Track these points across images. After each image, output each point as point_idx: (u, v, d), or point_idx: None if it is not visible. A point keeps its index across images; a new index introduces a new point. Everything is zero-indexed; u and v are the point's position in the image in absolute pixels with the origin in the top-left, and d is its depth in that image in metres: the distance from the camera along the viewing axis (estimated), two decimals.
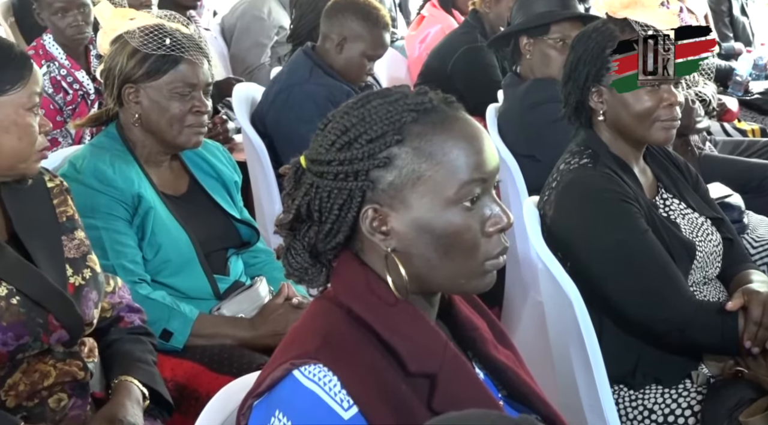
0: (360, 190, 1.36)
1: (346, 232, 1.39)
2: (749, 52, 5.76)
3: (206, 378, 2.33)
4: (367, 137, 1.36)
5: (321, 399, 1.30)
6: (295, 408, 1.30)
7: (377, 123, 1.37)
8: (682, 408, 2.27)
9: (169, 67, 2.49)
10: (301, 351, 1.34)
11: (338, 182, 1.37)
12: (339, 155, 1.37)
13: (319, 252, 1.43)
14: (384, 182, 1.36)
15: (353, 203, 1.37)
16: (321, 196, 1.38)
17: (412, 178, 1.36)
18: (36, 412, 1.93)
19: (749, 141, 4.29)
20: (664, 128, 2.35)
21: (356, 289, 1.40)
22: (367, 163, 1.36)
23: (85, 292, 2.00)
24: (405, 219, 1.37)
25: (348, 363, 1.32)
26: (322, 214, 1.39)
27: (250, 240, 2.69)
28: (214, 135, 3.73)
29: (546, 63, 3.50)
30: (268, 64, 5.33)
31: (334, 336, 1.36)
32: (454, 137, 1.38)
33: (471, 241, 1.38)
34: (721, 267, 2.43)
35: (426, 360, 1.36)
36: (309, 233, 1.41)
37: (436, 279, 1.40)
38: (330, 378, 1.31)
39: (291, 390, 1.32)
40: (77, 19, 3.77)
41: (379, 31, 3.57)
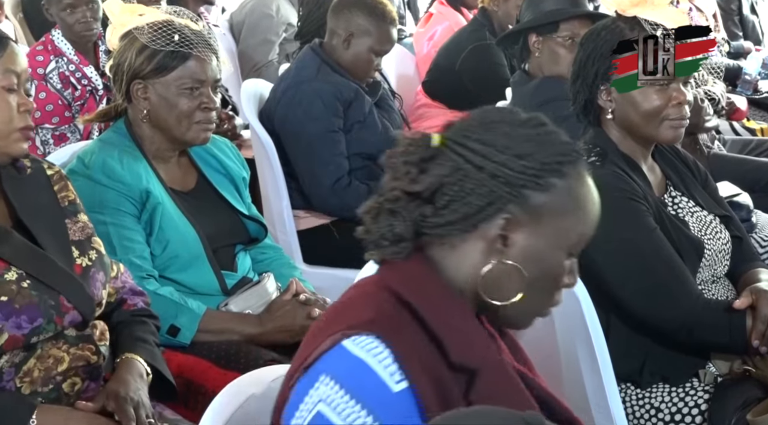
0: (507, 198, 1.39)
1: (465, 227, 1.41)
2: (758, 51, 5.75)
3: (213, 374, 2.33)
4: (541, 159, 1.40)
5: (371, 368, 1.31)
6: (342, 374, 1.31)
7: (552, 149, 1.42)
8: (689, 407, 2.27)
9: (178, 64, 2.49)
10: (352, 322, 1.35)
11: (495, 182, 1.39)
12: (509, 160, 1.39)
13: (419, 231, 1.43)
14: (530, 203, 1.40)
15: (495, 206, 1.40)
16: (466, 186, 1.40)
17: (554, 211, 1.41)
18: (51, 397, 1.95)
19: (758, 140, 4.28)
20: (673, 127, 2.34)
21: (418, 277, 1.41)
22: (530, 180, 1.40)
23: (92, 273, 2.03)
24: (528, 242, 1.41)
25: (400, 339, 1.34)
26: (455, 201, 1.40)
27: (258, 236, 2.69)
28: (222, 131, 3.73)
29: (555, 61, 3.50)
30: (276, 62, 5.33)
31: (386, 315, 1.37)
32: (592, 194, 1.47)
33: (555, 287, 1.47)
34: (730, 265, 2.43)
35: (469, 354, 1.38)
36: (423, 209, 1.42)
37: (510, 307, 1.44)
38: (382, 350, 1.32)
39: (339, 358, 1.33)
40: (86, 15, 3.78)
41: (386, 26, 3.57)
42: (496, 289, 1.41)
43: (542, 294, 1.45)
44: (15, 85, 1.96)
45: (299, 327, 2.46)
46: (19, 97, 1.98)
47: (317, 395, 1.31)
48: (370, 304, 1.39)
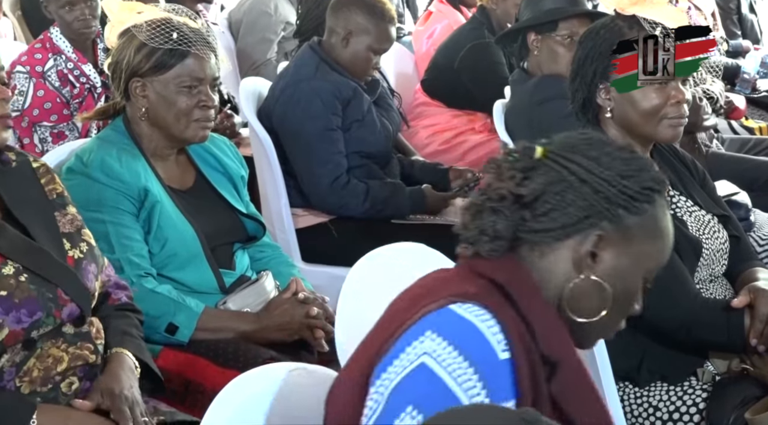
0: (604, 215, 1.45)
1: (559, 237, 1.46)
2: (757, 50, 5.74)
3: (212, 372, 2.33)
4: (640, 182, 1.47)
5: (480, 331, 1.35)
6: (449, 330, 1.35)
7: (648, 177, 1.49)
8: (688, 406, 2.27)
9: (176, 62, 2.49)
10: (455, 292, 1.39)
11: (595, 197, 1.45)
12: (612, 178, 1.46)
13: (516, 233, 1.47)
14: (623, 223, 1.47)
15: (591, 220, 1.46)
16: (567, 197, 1.46)
17: (642, 236, 1.48)
18: (50, 397, 1.95)
19: (756, 139, 4.28)
20: (672, 126, 2.34)
21: (508, 269, 1.46)
22: (627, 201, 1.46)
23: (84, 265, 2.03)
24: (616, 262, 1.48)
25: (504, 315, 1.38)
26: (555, 210, 1.46)
27: (256, 235, 2.69)
28: (220, 129, 3.73)
29: (554, 59, 3.50)
30: (274, 60, 5.33)
31: (487, 292, 1.42)
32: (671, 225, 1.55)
33: (627, 310, 1.53)
34: (728, 265, 2.43)
35: (554, 346, 1.43)
36: (524, 213, 1.46)
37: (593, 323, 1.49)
38: (489, 318, 1.36)
39: (447, 318, 1.36)
40: (84, 13, 3.77)
41: (385, 24, 3.57)
42: (578, 304, 1.47)
43: (615, 316, 1.50)
44: None
45: (297, 325, 2.46)
46: None
47: (421, 348, 1.34)
48: (468, 282, 1.43)
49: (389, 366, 1.37)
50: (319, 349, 2.47)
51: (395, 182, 3.60)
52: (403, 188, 3.55)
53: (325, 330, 2.46)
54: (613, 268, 1.47)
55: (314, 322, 2.46)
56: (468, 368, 1.32)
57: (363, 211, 3.47)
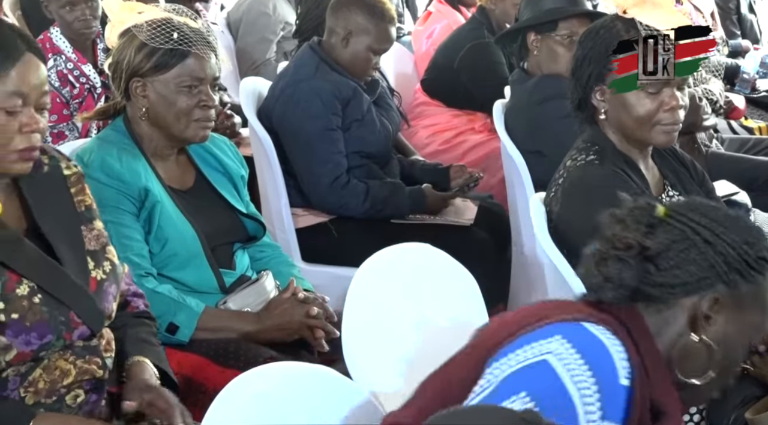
0: (720, 278, 1.49)
1: (676, 293, 1.49)
2: (757, 50, 5.75)
3: (212, 372, 2.33)
4: (757, 251, 1.51)
5: (608, 350, 1.37)
6: (580, 341, 1.37)
7: (765, 246, 1.52)
8: None
9: (177, 62, 2.49)
10: (587, 318, 1.41)
11: (716, 259, 1.49)
12: (735, 242, 1.49)
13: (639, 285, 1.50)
14: (737, 289, 1.50)
15: (707, 281, 1.49)
16: (690, 254, 1.49)
17: (753, 305, 1.52)
18: (54, 409, 1.91)
19: (756, 139, 4.28)
20: (665, 132, 2.33)
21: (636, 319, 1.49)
22: (743, 267, 1.49)
23: (106, 286, 1.97)
24: (726, 326, 1.51)
25: (631, 347, 1.41)
26: (677, 267, 1.48)
27: (257, 235, 2.69)
28: (221, 129, 3.73)
29: (553, 59, 3.50)
30: (273, 60, 5.33)
31: (617, 328, 1.44)
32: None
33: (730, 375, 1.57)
34: None
35: (664, 397, 1.46)
36: (647, 266, 1.49)
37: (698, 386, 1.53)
38: (618, 344, 1.39)
39: (578, 331, 1.38)
40: (85, 13, 3.77)
41: (385, 25, 3.57)
42: (686, 363, 1.50)
43: (717, 379, 1.53)
44: (18, 106, 1.83)
45: (297, 325, 2.46)
46: (26, 117, 1.85)
47: (547, 347, 1.36)
48: (597, 313, 1.46)
49: (503, 358, 1.38)
50: (319, 349, 2.47)
51: (395, 181, 3.60)
52: (402, 188, 3.55)
53: (325, 329, 2.46)
54: (723, 332, 1.50)
55: (314, 322, 2.46)
56: (590, 378, 1.33)
57: (363, 211, 3.47)
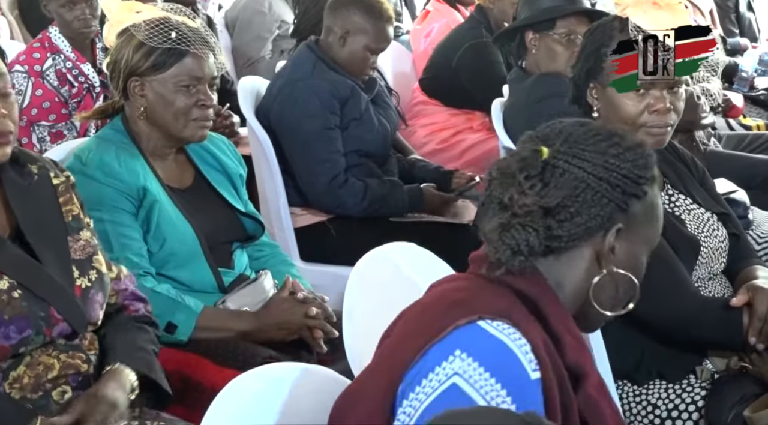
0: (620, 208, 1.46)
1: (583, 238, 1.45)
2: (755, 48, 5.75)
3: (211, 371, 2.33)
4: (641, 166, 1.47)
5: (511, 350, 1.33)
6: (481, 351, 1.32)
7: (645, 160, 1.48)
8: (686, 404, 2.27)
9: (175, 61, 2.49)
10: (483, 309, 1.37)
11: (614, 192, 1.45)
12: (625, 169, 1.45)
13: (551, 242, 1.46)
14: (632, 210, 1.47)
15: (612, 216, 1.45)
16: (588, 198, 1.44)
17: (645, 219, 1.49)
18: (41, 404, 1.91)
19: (753, 135, 4.28)
20: (651, 134, 2.29)
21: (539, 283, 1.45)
22: (637, 188, 1.46)
23: (91, 294, 1.99)
24: (628, 250, 1.49)
25: (533, 331, 1.37)
26: (579, 214, 1.44)
27: (255, 234, 2.69)
28: (219, 128, 3.73)
29: (552, 58, 3.50)
30: (268, 58, 5.34)
31: (515, 307, 1.41)
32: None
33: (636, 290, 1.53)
34: (727, 263, 2.43)
35: (579, 359, 1.43)
36: (549, 222, 1.45)
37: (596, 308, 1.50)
38: (519, 336, 1.34)
39: (477, 336, 1.34)
40: (84, 12, 3.77)
41: (383, 24, 3.57)
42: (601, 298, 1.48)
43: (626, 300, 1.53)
44: None
45: (296, 325, 2.46)
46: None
47: (451, 368, 1.31)
48: (495, 296, 1.42)
49: (418, 386, 1.34)
50: (317, 349, 2.47)
51: (393, 180, 3.60)
52: (401, 187, 3.55)
53: (324, 330, 2.46)
54: (627, 256, 1.48)
55: (313, 322, 2.46)
56: (501, 389, 1.30)
57: (361, 210, 3.47)
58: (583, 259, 1.47)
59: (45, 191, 2.03)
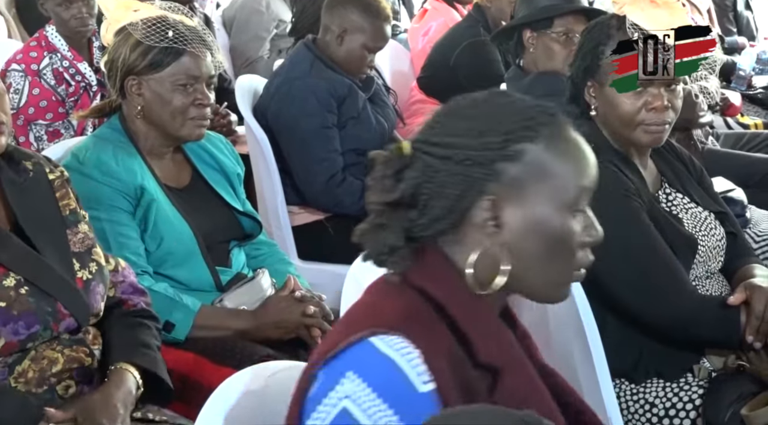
0: (482, 179, 1.37)
1: (453, 220, 1.39)
2: (753, 47, 5.75)
3: (208, 370, 2.33)
4: (503, 129, 1.38)
5: (399, 367, 1.30)
6: (370, 372, 1.30)
7: (514, 117, 1.39)
8: (684, 402, 2.27)
9: (172, 60, 2.49)
10: (379, 322, 1.34)
11: (462, 167, 1.37)
12: (470, 141, 1.38)
13: (413, 236, 1.41)
14: (508, 176, 1.37)
15: (472, 191, 1.37)
16: (437, 180, 1.38)
17: (536, 176, 1.38)
18: (45, 398, 1.93)
19: (751, 133, 4.28)
20: (648, 132, 2.30)
21: (440, 276, 1.40)
22: (497, 153, 1.37)
23: (92, 286, 2.01)
24: (521, 216, 1.39)
25: (428, 340, 1.33)
26: (433, 198, 1.39)
27: (253, 232, 2.69)
28: (217, 127, 3.73)
29: (549, 57, 3.51)
30: (266, 57, 5.34)
31: (414, 314, 1.36)
32: (574, 146, 1.43)
33: (573, 247, 1.42)
34: (724, 261, 2.43)
35: (494, 353, 1.38)
36: (409, 215, 1.41)
37: (531, 280, 1.42)
38: (411, 350, 1.31)
39: (367, 354, 1.31)
40: (81, 11, 3.77)
41: (380, 23, 3.57)
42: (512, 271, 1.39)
43: (560, 261, 1.42)
44: None
45: (294, 323, 2.46)
46: None
47: (343, 391, 1.30)
48: (396, 303, 1.38)
49: (314, 413, 1.33)
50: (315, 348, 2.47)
51: None
52: None
53: (321, 328, 2.46)
54: (522, 222, 1.38)
55: (311, 321, 2.46)
56: (388, 410, 1.27)
57: (359, 208, 3.46)
58: (474, 239, 1.39)
59: (41, 186, 2.05)
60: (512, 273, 1.39)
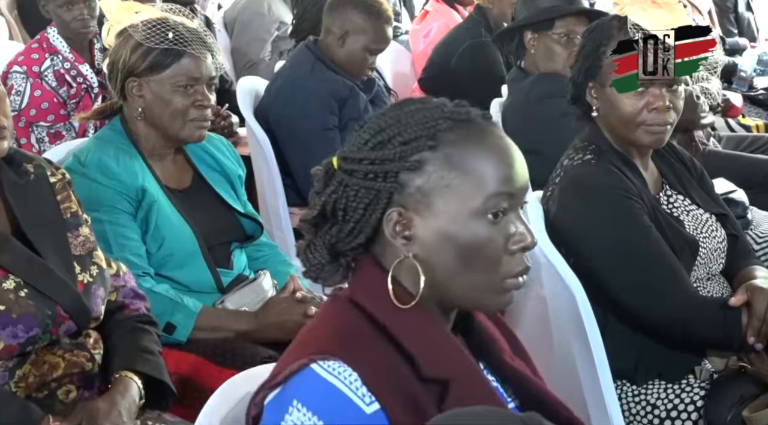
0: (387, 191, 1.36)
1: (368, 233, 1.39)
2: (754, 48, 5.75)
3: (209, 371, 2.33)
4: (401, 139, 1.36)
5: (342, 392, 1.29)
6: (314, 399, 1.29)
7: (412, 126, 1.37)
8: (685, 404, 2.27)
9: (172, 61, 2.49)
10: (319, 347, 1.33)
11: (366, 181, 1.37)
12: (371, 153, 1.37)
13: (338, 251, 1.42)
14: (412, 186, 1.36)
15: (379, 204, 1.37)
16: (348, 194, 1.38)
17: (440, 185, 1.36)
18: (46, 403, 1.93)
19: (753, 136, 4.28)
20: (650, 132, 2.30)
21: (374, 291, 1.39)
22: (398, 164, 1.36)
23: (93, 289, 2.00)
24: (429, 226, 1.36)
25: (367, 361, 1.32)
26: (347, 213, 1.39)
27: (254, 234, 2.69)
28: (218, 129, 3.73)
29: (550, 58, 3.51)
30: (268, 59, 5.35)
31: (352, 335, 1.35)
32: (485, 149, 1.38)
33: (493, 255, 1.37)
34: (725, 263, 2.43)
35: (439, 365, 1.35)
36: (331, 231, 1.41)
37: (454, 291, 1.39)
38: (350, 373, 1.30)
39: (309, 382, 1.31)
40: (83, 13, 3.77)
41: (382, 24, 3.57)
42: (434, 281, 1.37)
43: (480, 270, 1.37)
44: None
45: (295, 325, 2.45)
46: None
47: (291, 421, 1.29)
48: (339, 324, 1.38)
49: None
50: None
51: None
52: None
53: None
54: (431, 234, 1.36)
55: None
56: None
57: None
58: (391, 252, 1.38)
59: (42, 189, 2.05)
60: (433, 285, 1.38)
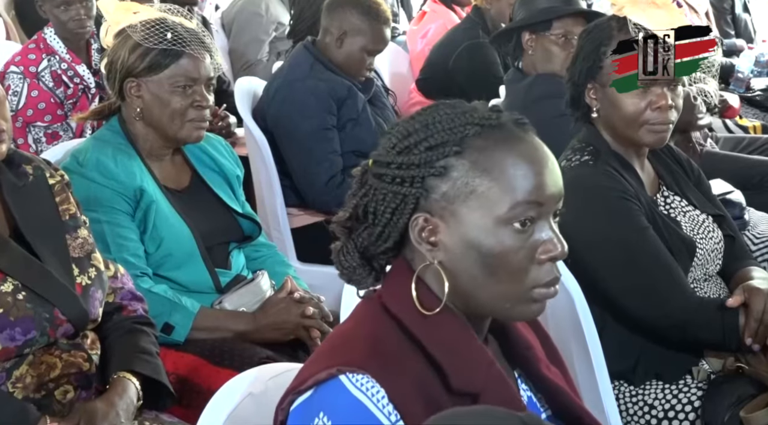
0: (413, 196, 1.35)
1: (396, 237, 1.37)
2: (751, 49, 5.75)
3: (208, 372, 2.33)
4: (427, 144, 1.35)
5: (368, 409, 1.28)
6: (340, 414, 1.28)
7: (439, 132, 1.35)
8: (683, 404, 2.27)
9: (171, 62, 2.49)
10: (349, 358, 1.32)
11: (394, 186, 1.35)
12: (397, 158, 1.36)
13: (370, 255, 1.41)
14: (438, 192, 1.34)
15: (406, 208, 1.35)
16: (377, 198, 1.37)
17: (465, 191, 1.33)
18: (43, 404, 1.93)
19: (750, 138, 4.29)
20: (653, 132, 2.30)
21: (403, 298, 1.37)
22: (424, 170, 1.34)
23: (91, 292, 2.00)
24: (454, 233, 1.34)
25: (395, 376, 1.30)
26: (376, 216, 1.38)
27: (252, 234, 2.69)
28: (216, 129, 3.73)
29: (548, 59, 3.51)
30: (266, 60, 5.35)
31: (382, 345, 1.34)
32: (514, 156, 1.35)
33: (519, 264, 1.35)
34: (722, 264, 2.43)
35: (469, 377, 1.34)
36: (363, 234, 1.40)
37: (480, 299, 1.37)
38: (378, 389, 1.29)
39: (337, 395, 1.30)
40: (80, 13, 3.77)
41: (380, 25, 3.57)
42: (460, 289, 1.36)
43: (506, 279, 1.35)
44: None
45: (293, 325, 2.46)
46: None
47: None
48: (370, 331, 1.36)
49: None
50: (314, 349, 2.47)
51: None
52: None
53: (321, 329, 2.46)
54: (457, 240, 1.34)
55: (310, 322, 2.46)
56: None
57: None
58: (419, 257, 1.37)
59: (41, 190, 2.05)
60: (458, 292, 1.36)
